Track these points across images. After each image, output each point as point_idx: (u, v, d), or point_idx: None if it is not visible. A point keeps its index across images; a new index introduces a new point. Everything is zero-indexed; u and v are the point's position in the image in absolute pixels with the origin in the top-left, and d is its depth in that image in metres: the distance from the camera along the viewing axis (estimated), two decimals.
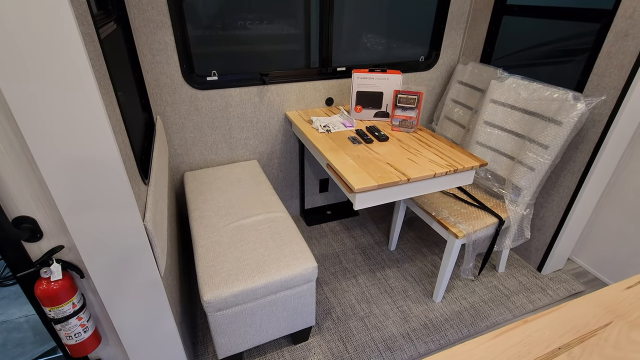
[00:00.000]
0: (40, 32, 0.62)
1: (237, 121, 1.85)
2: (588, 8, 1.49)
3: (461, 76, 2.03)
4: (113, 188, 0.80)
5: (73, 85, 0.67)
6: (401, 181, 1.26)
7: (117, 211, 0.82)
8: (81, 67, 0.67)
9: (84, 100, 0.69)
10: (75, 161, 0.74)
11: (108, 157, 0.76)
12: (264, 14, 1.72)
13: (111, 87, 0.84)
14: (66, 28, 0.63)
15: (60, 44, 0.64)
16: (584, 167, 1.57)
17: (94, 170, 0.76)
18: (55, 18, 0.62)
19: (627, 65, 1.34)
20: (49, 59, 0.64)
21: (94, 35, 0.77)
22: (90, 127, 0.72)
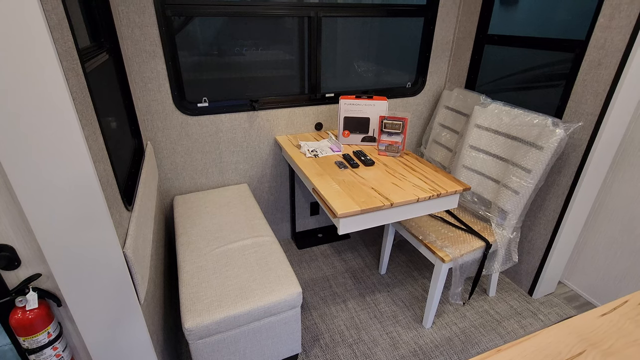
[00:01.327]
0: (20, 68, 0.65)
1: (227, 146, 1.88)
2: (563, 39, 1.55)
3: (447, 101, 2.09)
4: (92, 216, 0.81)
5: (53, 118, 0.70)
6: (384, 206, 1.27)
7: (95, 239, 0.83)
8: (61, 101, 0.69)
9: (63, 131, 0.72)
10: (54, 189, 0.75)
11: (87, 186, 0.78)
12: (258, 40, 1.78)
13: (95, 117, 0.87)
14: (47, 65, 0.66)
15: (41, 79, 0.67)
16: (567, 191, 1.59)
17: (73, 199, 0.78)
18: (36, 56, 0.65)
19: (601, 93, 1.39)
20: (28, 93, 0.67)
21: (78, 69, 0.80)
22: (69, 157, 0.74)
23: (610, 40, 1.34)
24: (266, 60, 1.84)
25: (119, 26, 1.45)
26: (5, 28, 0.62)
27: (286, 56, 1.88)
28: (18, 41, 0.63)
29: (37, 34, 0.64)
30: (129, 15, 1.47)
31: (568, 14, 1.65)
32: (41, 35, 0.64)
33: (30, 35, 0.64)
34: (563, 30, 1.64)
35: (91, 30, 1.17)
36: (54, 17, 0.70)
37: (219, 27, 1.71)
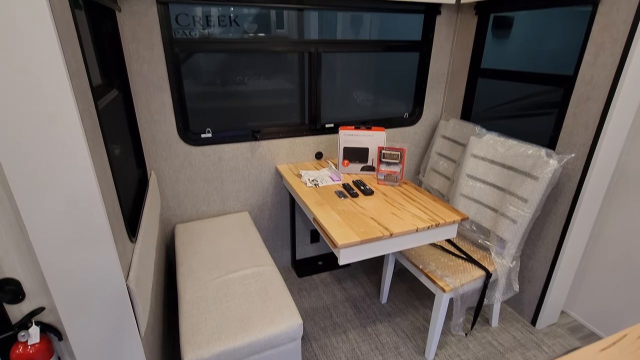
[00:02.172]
0: (41, 111, 0.69)
1: (229, 174, 1.92)
2: (552, 74, 1.62)
3: (444, 131, 2.14)
4: (97, 249, 0.83)
5: (67, 156, 0.73)
6: (384, 236, 1.29)
7: (100, 271, 0.85)
8: (76, 142, 0.73)
9: (76, 169, 0.75)
10: (63, 224, 0.78)
11: (94, 220, 0.80)
12: (260, 70, 1.87)
13: (105, 153, 0.90)
14: (65, 109, 0.70)
15: (59, 121, 0.71)
16: (564, 220, 1.61)
17: (80, 232, 0.80)
18: (57, 101, 0.69)
19: (592, 125, 1.44)
20: (47, 134, 0.71)
21: (92, 109, 0.85)
22: (80, 193, 0.77)
23: (597, 76, 1.41)
24: (268, 90, 1.92)
25: (129, 62, 1.52)
26: (30, 76, 0.67)
27: (287, 85, 1.96)
28: (41, 86, 0.68)
29: (58, 81, 0.69)
30: (139, 52, 1.54)
31: (556, 49, 1.74)
32: (62, 83, 0.69)
33: (53, 81, 0.68)
34: (553, 64, 1.72)
35: (103, 67, 1.23)
36: (73, 64, 0.75)
37: (222, 58, 1.79)
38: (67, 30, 0.75)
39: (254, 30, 1.85)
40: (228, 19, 1.75)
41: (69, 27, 0.77)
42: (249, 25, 1.82)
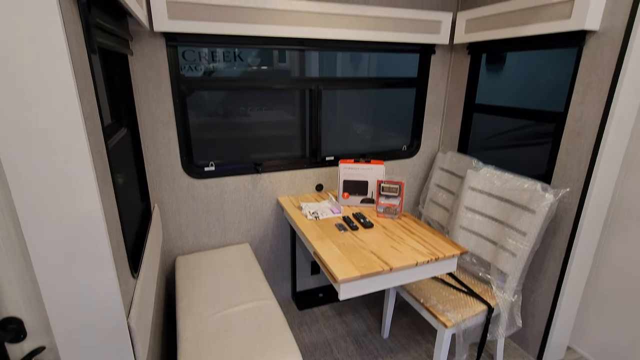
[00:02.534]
0: (56, 155, 0.73)
1: (231, 206, 1.95)
2: (544, 110, 1.69)
3: (442, 163, 2.19)
4: (101, 287, 0.84)
5: (78, 198, 0.77)
6: (384, 271, 1.29)
7: (102, 309, 0.86)
8: (88, 185, 0.77)
9: (86, 211, 0.78)
10: (70, 262, 0.80)
11: (100, 259, 0.82)
12: (262, 102, 1.95)
13: (113, 193, 0.94)
14: (79, 153, 0.75)
15: (72, 166, 0.75)
16: (564, 253, 1.61)
17: (85, 270, 0.82)
18: (74, 147, 0.74)
19: (584, 160, 1.48)
20: (59, 173, 0.74)
21: (103, 150, 0.89)
22: (87, 233, 0.80)
23: (586, 113, 1.46)
24: (270, 121, 2.00)
25: (138, 100, 1.59)
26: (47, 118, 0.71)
27: (288, 117, 2.03)
28: (57, 129, 0.72)
29: (74, 125, 0.73)
30: (148, 90, 1.62)
31: (548, 85, 1.82)
32: (77, 127, 0.73)
33: (68, 125, 0.73)
34: (545, 100, 1.79)
35: (113, 107, 1.29)
36: (88, 108, 0.80)
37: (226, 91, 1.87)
38: (84, 76, 0.80)
39: (257, 64, 1.95)
40: (232, 54, 1.85)
41: (85, 73, 0.82)
42: (252, 59, 1.92)
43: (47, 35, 0.67)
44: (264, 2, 1.60)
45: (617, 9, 1.31)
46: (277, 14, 1.64)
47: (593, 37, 1.41)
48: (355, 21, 1.78)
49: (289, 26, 1.67)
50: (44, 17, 0.66)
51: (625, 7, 1.29)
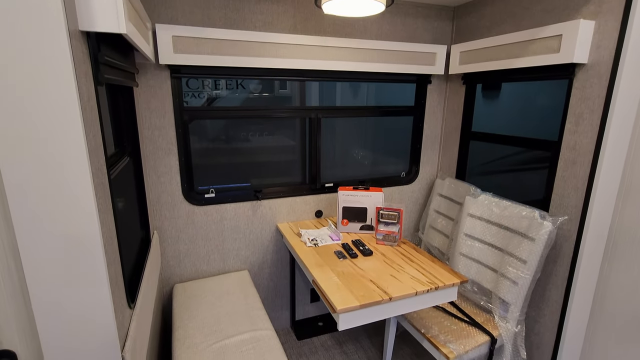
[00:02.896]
0: (59, 186, 0.75)
1: (230, 233, 1.95)
2: (538, 139, 1.72)
3: (440, 190, 2.20)
4: (97, 321, 0.83)
5: (79, 231, 0.78)
6: (383, 300, 1.28)
7: (97, 343, 0.85)
8: (89, 217, 0.78)
9: (86, 243, 0.79)
10: (66, 295, 0.80)
11: (97, 293, 0.82)
12: (262, 127, 2.00)
13: (114, 224, 0.95)
14: (81, 184, 0.76)
15: (75, 200, 0.76)
16: (566, 281, 1.59)
17: (82, 304, 0.81)
18: (76, 180, 0.76)
19: (581, 188, 1.50)
20: (60, 206, 0.76)
21: (105, 182, 0.91)
22: (86, 266, 0.80)
23: (579, 142, 1.49)
24: (270, 146, 2.03)
25: (141, 129, 1.63)
26: (53, 152, 0.73)
27: (289, 142, 2.07)
28: (62, 163, 0.74)
29: (78, 159, 0.75)
30: (151, 119, 1.66)
31: (542, 112, 1.86)
32: (82, 159, 0.76)
33: (73, 158, 0.75)
34: (540, 128, 1.82)
35: (117, 136, 1.33)
36: (93, 143, 0.83)
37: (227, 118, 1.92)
38: (90, 112, 0.83)
39: (259, 91, 2.01)
40: (235, 82, 1.91)
41: (92, 109, 0.85)
42: (254, 87, 1.98)
43: (58, 75, 0.71)
44: (264, 37, 1.67)
45: (603, 44, 1.37)
46: (277, 47, 1.71)
47: (582, 70, 1.46)
48: (354, 53, 1.85)
49: (289, 59, 1.74)
50: (56, 58, 0.70)
51: (611, 42, 1.34)
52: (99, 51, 0.88)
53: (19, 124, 0.70)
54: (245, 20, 1.70)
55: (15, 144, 0.70)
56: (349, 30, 1.91)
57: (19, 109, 0.69)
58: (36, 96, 0.70)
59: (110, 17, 0.81)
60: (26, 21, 0.67)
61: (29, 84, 0.69)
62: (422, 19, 2.04)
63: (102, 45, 0.94)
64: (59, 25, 0.69)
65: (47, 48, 0.69)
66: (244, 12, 1.69)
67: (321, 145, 2.07)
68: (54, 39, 0.69)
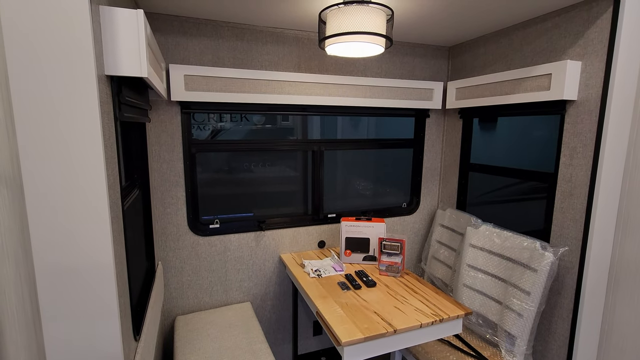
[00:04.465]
0: (81, 217, 0.79)
1: (233, 264, 1.95)
2: (536, 171, 1.77)
3: (442, 220, 2.23)
4: (105, 357, 0.84)
5: (95, 262, 0.81)
6: (388, 332, 1.27)
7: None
8: (104, 249, 0.81)
9: (100, 275, 0.82)
10: (77, 326, 0.81)
11: (108, 328, 0.84)
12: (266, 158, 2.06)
13: (124, 253, 0.98)
14: (100, 218, 0.80)
15: (92, 228, 0.80)
16: (571, 313, 1.58)
17: (92, 335, 0.83)
18: (96, 213, 0.80)
19: (579, 220, 1.52)
20: (79, 237, 0.79)
21: (119, 214, 0.95)
22: (99, 297, 0.82)
23: (575, 175, 1.54)
24: (273, 177, 2.09)
25: (151, 162, 1.69)
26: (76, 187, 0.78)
27: (291, 173, 2.13)
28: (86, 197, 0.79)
29: (98, 193, 0.80)
30: (161, 153, 1.73)
31: (539, 144, 1.92)
32: (101, 194, 0.80)
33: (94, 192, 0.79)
34: (537, 159, 1.88)
35: (128, 170, 1.38)
36: (111, 178, 0.87)
37: None
38: (110, 148, 0.89)
39: (262, 123, 2.09)
40: (239, 115, 1.99)
41: (112, 145, 0.91)
42: (257, 119, 2.06)
43: (86, 115, 0.77)
44: (270, 75, 1.77)
45: (591, 82, 1.45)
46: (282, 84, 1.81)
47: (573, 106, 1.53)
48: (355, 90, 1.95)
49: (293, 95, 1.83)
50: (85, 100, 0.76)
51: (598, 81, 1.43)
52: (121, 92, 0.95)
53: (47, 161, 0.75)
54: (253, 60, 1.81)
55: (43, 176, 0.75)
56: (350, 69, 2.02)
57: (47, 146, 0.75)
58: (65, 134, 0.76)
59: (134, 63, 0.88)
60: (60, 67, 0.73)
61: (59, 123, 0.75)
62: (419, 58, 2.16)
63: (123, 87, 1.01)
64: (89, 72, 0.75)
65: (77, 91, 0.75)
66: (252, 53, 1.80)
67: (323, 177, 2.12)
68: (84, 83, 0.75)
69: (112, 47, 0.85)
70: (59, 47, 0.72)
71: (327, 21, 1.41)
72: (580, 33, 1.49)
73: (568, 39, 1.54)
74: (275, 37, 1.83)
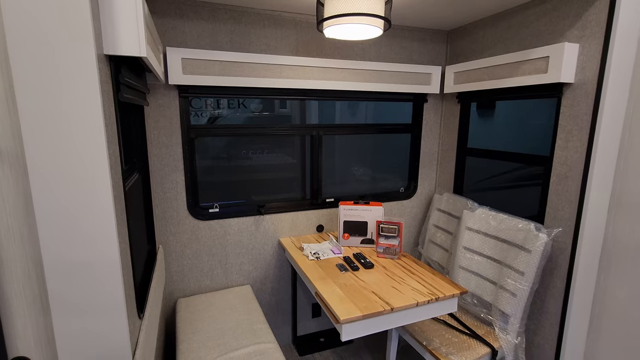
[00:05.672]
0: (84, 200, 0.80)
1: (233, 248, 1.98)
2: (531, 154, 1.79)
3: (439, 204, 2.26)
4: (112, 327, 0.87)
5: (99, 238, 0.82)
6: (385, 311, 1.31)
7: (111, 350, 0.87)
8: (108, 227, 0.83)
9: (105, 250, 0.83)
10: (85, 299, 0.83)
11: (113, 298, 0.86)
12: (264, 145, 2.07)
13: (127, 234, 0.99)
14: (103, 198, 0.82)
15: (96, 210, 0.81)
16: (563, 293, 1.63)
17: (98, 308, 0.85)
18: (97, 190, 0.81)
19: (573, 201, 1.55)
20: (84, 219, 0.81)
21: (121, 195, 0.96)
22: (104, 272, 0.84)
23: (570, 157, 1.56)
24: (272, 164, 2.10)
25: (150, 147, 1.69)
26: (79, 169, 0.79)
27: (289, 160, 2.14)
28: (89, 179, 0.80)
29: (102, 175, 0.81)
30: (160, 137, 1.73)
31: (535, 128, 1.94)
32: (104, 176, 0.81)
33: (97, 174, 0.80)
34: (533, 143, 1.90)
35: (127, 154, 1.39)
36: (112, 159, 0.88)
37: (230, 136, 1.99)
38: (111, 128, 0.90)
39: (260, 110, 2.09)
40: (237, 101, 1.99)
41: (112, 126, 0.92)
42: (255, 106, 2.06)
43: (86, 95, 0.77)
44: (268, 59, 1.76)
45: (588, 65, 1.46)
46: (280, 68, 1.80)
47: (570, 89, 1.54)
48: (353, 74, 1.95)
49: (291, 79, 1.83)
50: (85, 80, 0.77)
51: (595, 64, 1.43)
52: (120, 73, 0.95)
53: (49, 140, 0.76)
54: (251, 43, 1.80)
55: (47, 160, 0.76)
56: (348, 52, 2.01)
57: (50, 126, 0.75)
58: (67, 113, 0.76)
59: (133, 42, 0.88)
60: (60, 46, 0.74)
61: (61, 102, 0.75)
62: (417, 42, 2.15)
63: (122, 67, 1.01)
64: (89, 51, 0.76)
65: (77, 71, 0.75)
66: (250, 37, 1.79)
67: (322, 162, 2.13)
68: (84, 63, 0.75)
69: (111, 26, 0.85)
70: (58, 25, 0.72)
71: (325, 3, 1.40)
72: (579, 15, 1.48)
73: (567, 21, 1.54)
74: (274, 20, 1.81)
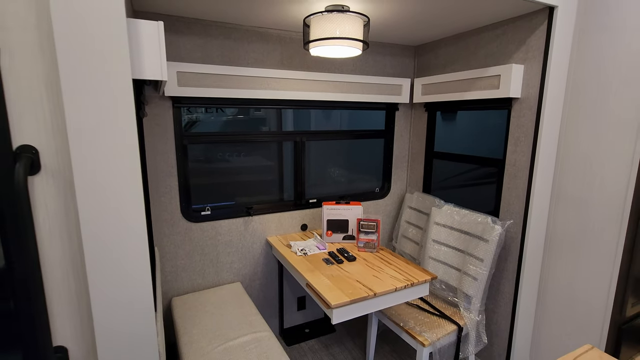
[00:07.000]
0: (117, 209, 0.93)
1: (224, 247, 2.11)
2: (488, 157, 2.08)
3: (410, 203, 2.51)
4: (142, 319, 1.00)
5: (132, 236, 0.96)
6: (369, 296, 1.51)
7: (139, 338, 1.01)
8: (138, 226, 0.96)
9: (136, 249, 0.97)
10: (120, 296, 0.96)
11: (143, 293, 0.99)
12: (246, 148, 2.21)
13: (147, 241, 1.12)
14: (136, 202, 0.95)
15: (129, 214, 0.95)
16: (515, 275, 1.92)
17: (130, 307, 0.98)
18: (131, 199, 0.94)
19: (521, 197, 1.84)
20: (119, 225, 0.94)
21: (142, 197, 1.09)
22: (137, 275, 0.98)
23: (518, 160, 1.85)
24: (255, 166, 2.25)
25: (147, 154, 1.79)
26: (120, 182, 0.92)
27: (265, 162, 2.31)
28: (125, 191, 0.93)
29: (135, 183, 0.94)
30: (155, 145, 1.83)
31: (492, 133, 2.23)
32: (137, 184, 0.95)
33: (132, 184, 0.94)
34: (491, 146, 2.19)
35: None
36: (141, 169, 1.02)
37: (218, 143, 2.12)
38: None
39: (235, 114, 2.24)
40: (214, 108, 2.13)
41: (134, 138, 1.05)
42: (231, 110, 2.21)
43: (124, 113, 0.91)
44: (255, 72, 1.92)
45: (531, 83, 1.75)
46: (267, 80, 1.96)
47: (517, 103, 1.83)
48: (333, 86, 2.14)
49: (277, 90, 1.99)
50: (122, 100, 0.90)
51: (536, 82, 1.72)
52: (142, 93, 1.08)
53: (92, 154, 0.88)
54: (240, 57, 1.94)
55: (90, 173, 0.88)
56: (328, 66, 2.20)
57: (93, 144, 0.88)
58: (107, 132, 0.89)
59: (156, 68, 1.02)
60: (103, 73, 0.87)
61: (104, 122, 0.88)
62: (389, 56, 2.38)
63: (143, 88, 1.13)
64: (126, 77, 0.89)
65: (119, 95, 0.89)
66: (238, 51, 1.93)
67: (305, 166, 2.31)
68: (123, 88, 0.89)
69: (138, 54, 0.98)
70: (101, 56, 0.85)
71: (311, 25, 1.59)
72: (523, 40, 1.77)
73: (513, 45, 1.82)
74: (260, 36, 1.97)
